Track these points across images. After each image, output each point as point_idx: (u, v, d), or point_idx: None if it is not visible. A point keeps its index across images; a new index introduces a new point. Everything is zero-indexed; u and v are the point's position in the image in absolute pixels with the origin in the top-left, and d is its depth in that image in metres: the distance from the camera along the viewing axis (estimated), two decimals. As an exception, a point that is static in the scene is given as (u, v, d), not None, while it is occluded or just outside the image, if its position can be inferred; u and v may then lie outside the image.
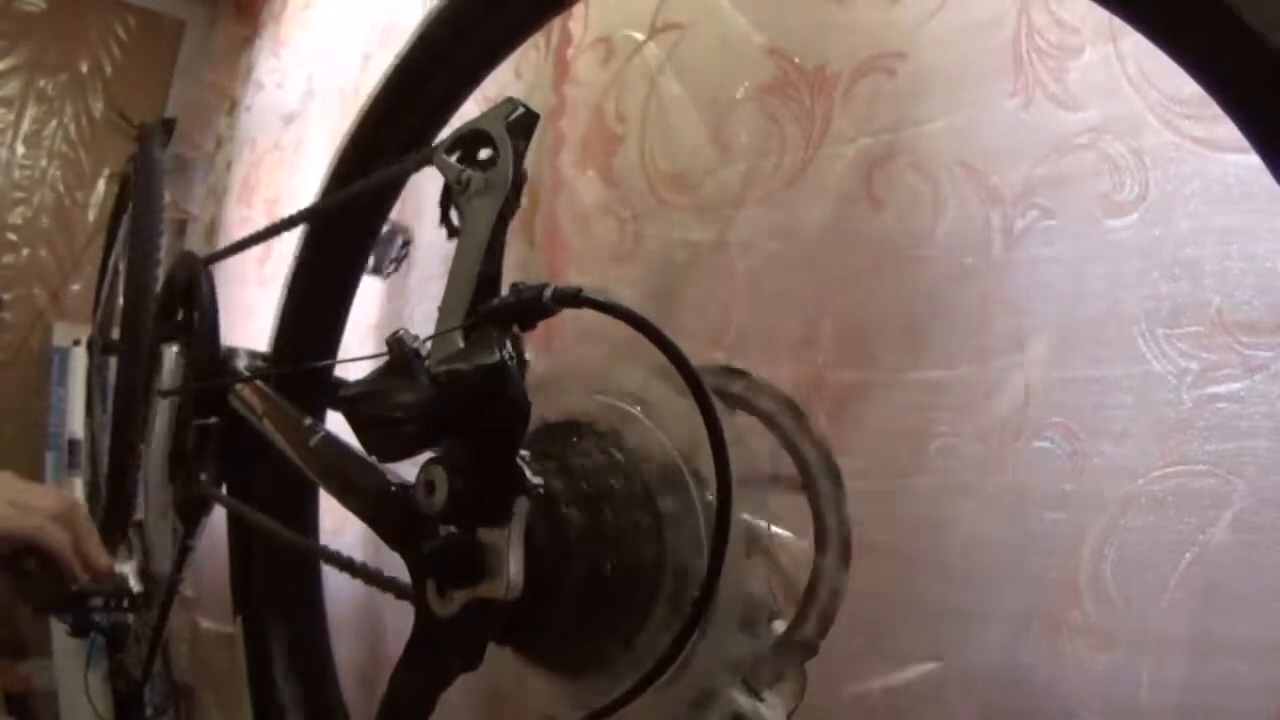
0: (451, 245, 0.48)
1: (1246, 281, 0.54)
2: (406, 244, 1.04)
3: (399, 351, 0.42)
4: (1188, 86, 0.34)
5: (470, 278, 0.44)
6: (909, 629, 0.65)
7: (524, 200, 0.47)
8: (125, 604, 0.82)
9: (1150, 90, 0.58)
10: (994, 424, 0.63)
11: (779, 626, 0.42)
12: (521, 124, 0.46)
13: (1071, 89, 0.62)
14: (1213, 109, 0.34)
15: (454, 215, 0.48)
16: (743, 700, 0.39)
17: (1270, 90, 0.31)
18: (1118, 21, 0.39)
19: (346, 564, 0.52)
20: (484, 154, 0.48)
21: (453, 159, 0.48)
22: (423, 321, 0.45)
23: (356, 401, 0.42)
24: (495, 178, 0.46)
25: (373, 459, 0.50)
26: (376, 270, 1.04)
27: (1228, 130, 0.34)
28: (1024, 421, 0.62)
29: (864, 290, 0.71)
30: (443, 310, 0.45)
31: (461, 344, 0.42)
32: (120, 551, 0.89)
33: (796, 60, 0.78)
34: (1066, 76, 0.62)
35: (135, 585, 0.81)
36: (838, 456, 0.43)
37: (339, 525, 0.80)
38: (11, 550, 0.71)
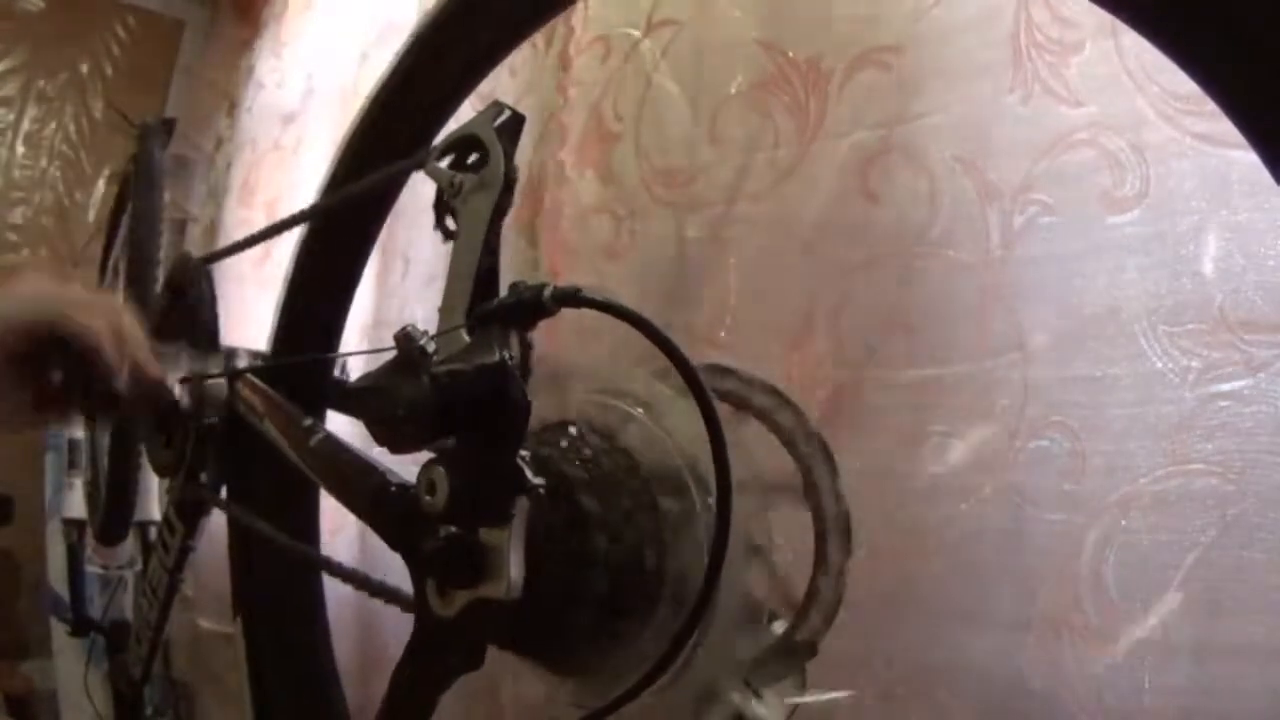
0: (442, 246, 0.48)
1: (1249, 279, 0.54)
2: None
3: (406, 348, 0.42)
4: (1189, 83, 0.34)
5: (469, 275, 0.44)
6: (905, 631, 0.65)
7: (521, 199, 0.48)
8: (170, 424, 0.69)
9: (1151, 86, 0.58)
10: (992, 423, 0.63)
11: (779, 627, 0.42)
12: (509, 126, 0.47)
13: (1071, 84, 0.62)
14: (1214, 105, 0.34)
15: (448, 220, 0.49)
16: (743, 700, 0.39)
17: (1268, 88, 0.31)
18: (1118, 18, 0.38)
19: (343, 572, 0.52)
20: (473, 158, 0.48)
21: (444, 164, 0.49)
22: (417, 323, 0.45)
23: (364, 395, 0.43)
24: (488, 177, 0.46)
25: (373, 459, 0.50)
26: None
27: (1229, 126, 0.33)
28: (1023, 420, 0.61)
29: (860, 287, 0.71)
30: (443, 309, 0.45)
31: (468, 338, 0.42)
32: None
33: (790, 54, 0.77)
34: (1066, 72, 0.62)
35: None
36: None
37: (337, 526, 0.80)
38: (37, 346, 0.56)
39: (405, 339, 0.42)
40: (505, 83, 1.02)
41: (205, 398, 0.73)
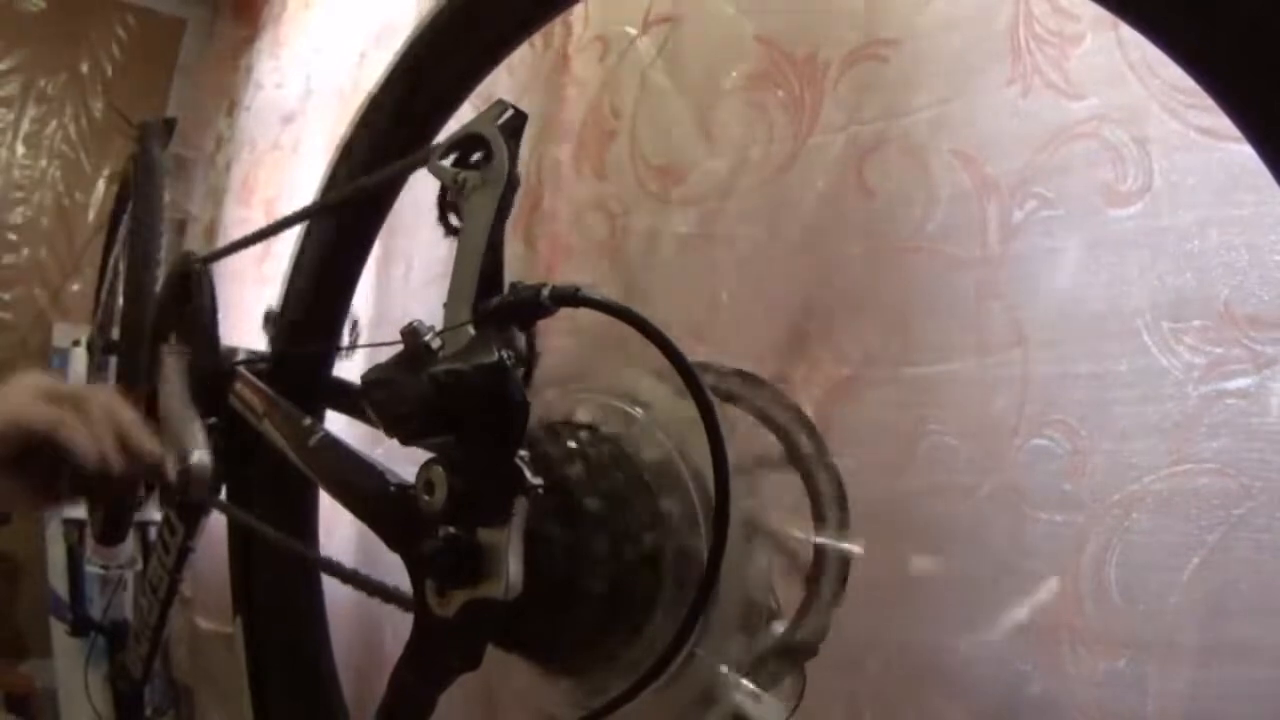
0: (441, 246, 0.48)
1: (1254, 274, 0.54)
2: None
3: (412, 343, 0.42)
4: (1192, 76, 0.34)
5: (473, 272, 0.45)
6: (902, 633, 0.64)
7: (520, 199, 0.48)
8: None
9: (1153, 79, 0.57)
10: (990, 421, 0.62)
11: (778, 627, 0.41)
12: (512, 125, 0.47)
13: (1072, 77, 0.61)
14: (1218, 98, 0.34)
15: (451, 217, 0.49)
16: (742, 700, 0.39)
17: (1266, 85, 0.31)
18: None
19: (342, 572, 0.52)
20: (476, 156, 0.48)
21: (447, 163, 0.49)
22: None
23: (372, 387, 0.43)
24: (491, 174, 0.46)
25: (372, 459, 0.51)
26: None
27: (1233, 120, 0.33)
28: (1022, 419, 0.61)
29: (855, 282, 0.71)
30: (448, 306, 0.45)
31: (473, 333, 0.43)
32: None
33: (786, 48, 0.77)
34: (1066, 64, 0.62)
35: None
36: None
37: (330, 526, 0.80)
38: (27, 449, 0.56)
39: (412, 334, 0.42)
40: (504, 82, 1.02)
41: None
